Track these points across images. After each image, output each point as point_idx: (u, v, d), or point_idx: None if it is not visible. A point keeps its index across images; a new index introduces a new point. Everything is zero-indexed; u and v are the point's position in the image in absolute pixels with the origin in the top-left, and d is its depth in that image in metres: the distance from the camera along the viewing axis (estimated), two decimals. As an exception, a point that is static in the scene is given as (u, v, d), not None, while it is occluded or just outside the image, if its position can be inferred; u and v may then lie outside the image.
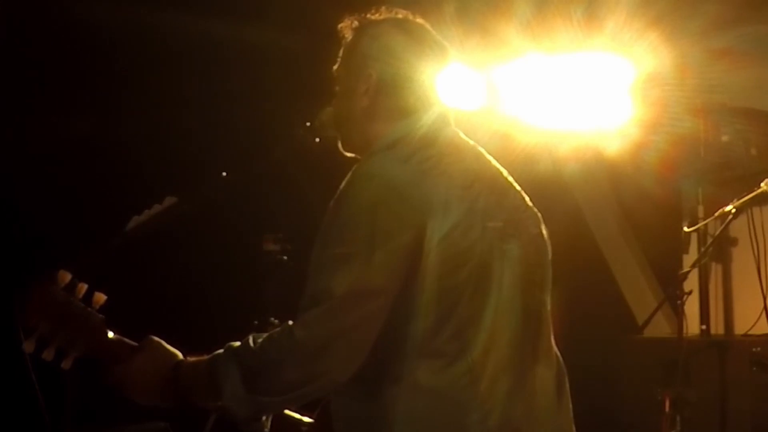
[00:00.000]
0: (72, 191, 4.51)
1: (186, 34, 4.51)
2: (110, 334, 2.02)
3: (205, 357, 1.96)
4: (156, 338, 2.04)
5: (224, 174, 2.16)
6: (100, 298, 2.02)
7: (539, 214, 2.17)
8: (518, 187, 2.16)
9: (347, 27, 2.19)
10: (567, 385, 2.12)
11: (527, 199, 2.16)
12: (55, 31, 4.40)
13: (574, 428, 2.13)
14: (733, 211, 4.51)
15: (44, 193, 4.43)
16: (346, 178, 1.99)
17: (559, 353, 2.14)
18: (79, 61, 4.54)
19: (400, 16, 2.20)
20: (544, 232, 2.16)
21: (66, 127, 4.42)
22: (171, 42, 4.56)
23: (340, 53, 2.19)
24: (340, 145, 2.20)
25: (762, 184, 4.49)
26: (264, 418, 2.09)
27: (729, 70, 5.00)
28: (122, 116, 4.66)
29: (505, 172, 2.15)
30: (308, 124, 2.24)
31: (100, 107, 4.59)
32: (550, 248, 2.17)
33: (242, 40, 4.62)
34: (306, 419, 2.38)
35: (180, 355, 2.02)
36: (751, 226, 5.18)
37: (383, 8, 2.19)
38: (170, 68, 4.73)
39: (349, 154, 2.20)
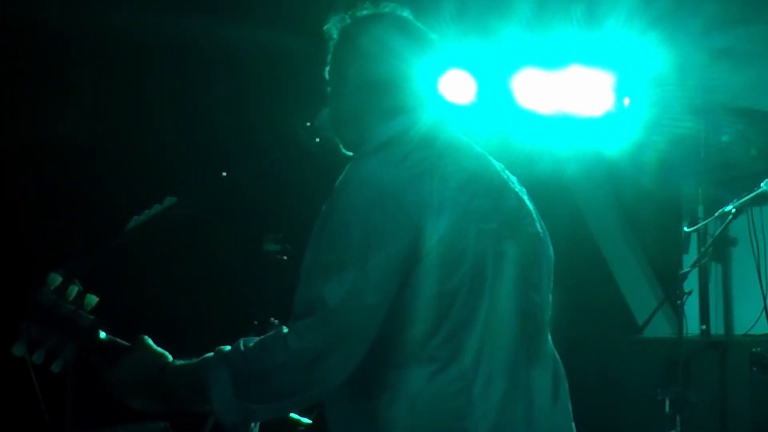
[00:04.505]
0: (72, 191, 4.51)
1: (186, 35, 4.51)
2: (102, 336, 2.01)
3: (194, 360, 1.93)
4: (146, 339, 2.01)
5: (224, 174, 2.15)
6: (92, 300, 2.01)
7: (536, 213, 2.12)
8: (517, 186, 2.12)
9: (334, 26, 2.15)
10: (565, 387, 2.09)
11: (526, 197, 2.13)
12: (56, 31, 4.40)
13: (574, 430, 2.10)
14: (733, 211, 4.51)
15: (45, 193, 4.43)
16: (338, 181, 1.95)
17: (557, 355, 2.12)
18: (81, 61, 4.54)
19: (387, 10, 2.14)
20: (541, 228, 2.11)
21: (66, 127, 4.43)
22: (171, 43, 4.56)
23: (330, 53, 2.16)
24: (340, 145, 2.18)
25: (762, 184, 4.49)
26: (252, 423, 2.07)
27: (729, 70, 5.01)
28: (123, 116, 4.66)
29: (505, 173, 2.12)
30: (308, 124, 2.23)
31: (100, 107, 4.60)
32: (549, 244, 2.13)
33: (242, 40, 4.62)
34: (304, 420, 2.37)
35: (169, 356, 1.99)
36: (751, 226, 5.19)
37: (367, 3, 2.15)
38: (170, 69, 4.73)
39: (350, 154, 2.17)
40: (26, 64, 4.42)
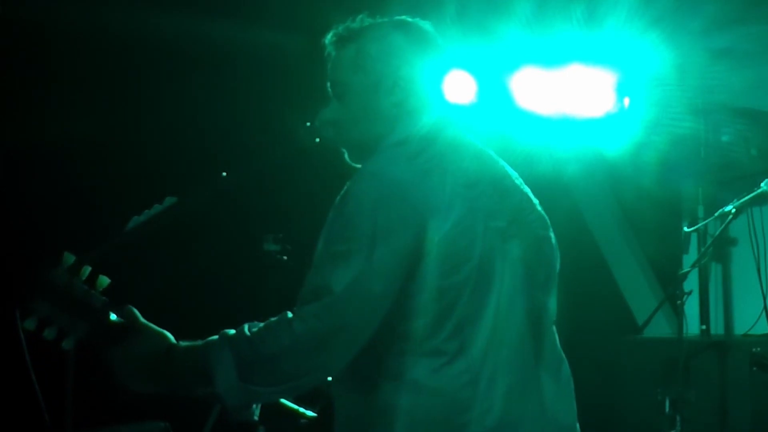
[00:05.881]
0: (72, 191, 4.51)
1: (186, 35, 4.51)
2: (113, 317, 2.03)
3: (198, 342, 1.97)
4: (143, 320, 2.03)
5: (224, 174, 2.16)
6: (104, 281, 2.03)
7: (547, 219, 2.16)
8: (527, 190, 2.16)
9: (345, 31, 2.18)
10: (571, 386, 2.11)
11: (536, 202, 2.16)
12: (57, 31, 4.40)
13: (578, 430, 2.12)
14: (733, 211, 4.51)
15: (45, 193, 4.43)
16: (354, 176, 2.00)
17: (564, 356, 2.13)
18: (81, 62, 4.54)
19: (395, 18, 2.19)
20: (552, 236, 2.15)
21: (67, 127, 4.43)
22: (171, 42, 4.56)
23: (341, 57, 2.17)
24: (346, 156, 2.19)
25: (762, 184, 4.50)
26: (254, 406, 2.10)
27: (729, 70, 5.01)
28: (122, 116, 4.66)
29: (513, 174, 2.16)
30: (308, 124, 2.23)
31: (100, 107, 4.60)
32: (558, 254, 2.16)
33: (242, 40, 4.62)
34: (307, 412, 2.38)
35: (172, 337, 2.02)
36: (751, 226, 5.19)
37: (377, 15, 2.18)
38: (170, 68, 4.73)
39: (358, 166, 2.17)
40: (27, 63, 4.42)
